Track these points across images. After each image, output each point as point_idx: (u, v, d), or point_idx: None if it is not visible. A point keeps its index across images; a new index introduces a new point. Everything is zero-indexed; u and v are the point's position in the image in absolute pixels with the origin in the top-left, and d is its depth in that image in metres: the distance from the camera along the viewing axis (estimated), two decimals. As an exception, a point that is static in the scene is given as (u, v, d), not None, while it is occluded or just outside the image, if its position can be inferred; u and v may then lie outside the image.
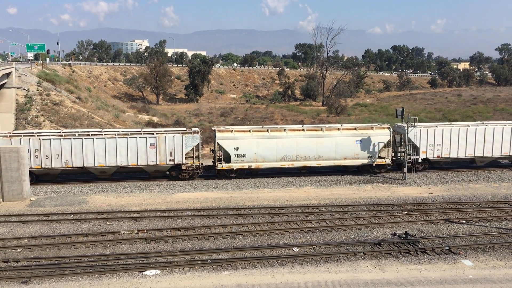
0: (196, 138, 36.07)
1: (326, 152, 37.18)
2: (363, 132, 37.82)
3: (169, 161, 35.70)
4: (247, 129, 37.66)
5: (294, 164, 37.20)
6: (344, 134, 37.54)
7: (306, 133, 37.35)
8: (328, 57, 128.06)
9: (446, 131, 38.59)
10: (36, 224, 26.28)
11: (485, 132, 39.04)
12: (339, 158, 37.63)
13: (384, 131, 38.26)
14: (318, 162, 37.33)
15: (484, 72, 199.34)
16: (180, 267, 20.64)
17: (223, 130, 37.34)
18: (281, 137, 36.87)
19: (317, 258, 21.64)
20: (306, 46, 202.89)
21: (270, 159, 36.75)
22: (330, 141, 37.16)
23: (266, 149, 36.48)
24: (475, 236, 24.49)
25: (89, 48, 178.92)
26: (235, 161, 36.41)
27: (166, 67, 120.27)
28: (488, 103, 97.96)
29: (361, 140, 37.51)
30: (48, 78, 67.51)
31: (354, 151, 37.57)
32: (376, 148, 37.90)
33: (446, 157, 39.02)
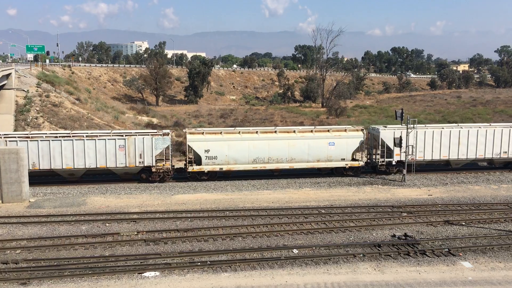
0: (166, 140, 35.71)
1: (298, 155, 36.92)
2: (336, 135, 37.58)
3: (139, 163, 35.35)
4: (219, 131, 37.41)
5: (266, 167, 36.94)
6: (317, 136, 37.27)
7: (279, 135, 37.05)
8: (327, 58, 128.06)
9: (420, 134, 38.11)
10: (35, 226, 26.25)
11: (459, 135, 38.62)
12: (312, 161, 37.33)
13: (357, 134, 38.03)
14: (291, 164, 37.10)
15: (484, 74, 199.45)
16: (179, 268, 20.62)
17: (194, 132, 37.01)
18: (253, 139, 36.54)
19: (316, 259, 21.63)
20: (305, 48, 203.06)
21: (242, 162, 36.50)
22: (302, 143, 36.88)
23: (238, 151, 36.22)
24: (474, 238, 24.48)
25: (88, 49, 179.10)
26: (206, 164, 36.15)
27: (166, 68, 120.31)
28: (488, 105, 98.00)
29: (334, 143, 37.25)
30: (48, 80, 67.53)
31: (327, 154, 37.29)
32: (349, 150, 37.63)
33: (421, 159, 38.54)
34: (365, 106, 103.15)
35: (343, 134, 37.75)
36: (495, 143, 39.12)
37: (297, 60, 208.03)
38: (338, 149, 37.32)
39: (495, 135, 39.04)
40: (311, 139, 37.10)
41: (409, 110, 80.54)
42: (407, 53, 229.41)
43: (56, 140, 34.59)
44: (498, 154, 39.32)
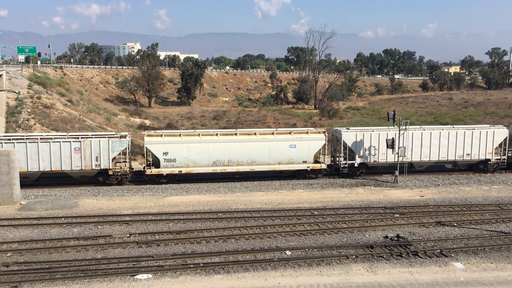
0: (124, 142, 35.33)
1: (259, 157, 36.64)
2: (297, 137, 37.28)
3: (95, 166, 34.94)
4: (178, 133, 37.04)
5: (227, 169, 36.69)
6: (278, 139, 36.96)
7: (239, 137, 36.75)
8: (320, 60, 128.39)
9: (382, 136, 37.86)
10: (27, 228, 26.04)
11: (422, 137, 38.50)
12: (273, 163, 37.06)
13: (319, 136, 37.73)
14: (252, 167, 36.82)
15: (475, 76, 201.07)
16: (172, 271, 20.54)
17: (152, 135, 36.60)
18: (212, 141, 36.31)
19: (309, 261, 21.65)
20: (298, 50, 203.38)
21: (201, 164, 36.16)
22: (263, 146, 36.62)
23: (197, 154, 35.90)
24: (466, 239, 24.62)
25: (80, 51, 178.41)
26: (165, 166, 35.81)
27: (159, 70, 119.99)
28: (479, 107, 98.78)
29: (296, 145, 36.99)
30: (39, 81, 67.12)
31: (288, 156, 37.05)
32: (311, 152, 37.40)
33: (383, 161, 38.45)
34: (358, 107, 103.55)
35: (305, 136, 37.38)
36: (458, 146, 38.95)
37: (290, 61, 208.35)
38: (300, 151, 37.05)
39: (457, 137, 38.88)
40: (272, 142, 36.76)
41: (401, 112, 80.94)
42: (399, 55, 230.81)
43: (9, 142, 33.85)
44: (461, 156, 39.16)
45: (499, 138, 39.80)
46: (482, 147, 39.34)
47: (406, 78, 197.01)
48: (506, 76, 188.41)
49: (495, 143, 39.72)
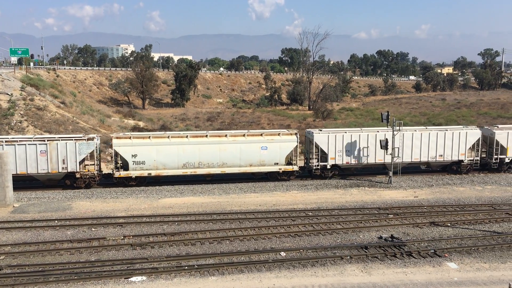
0: (91, 145, 34.82)
1: (230, 159, 36.32)
2: (269, 138, 36.96)
3: (62, 169, 34.34)
4: (147, 136, 36.65)
5: (197, 172, 36.26)
6: (249, 141, 36.66)
7: (209, 139, 36.42)
8: (314, 61, 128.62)
9: (354, 137, 37.83)
10: (20, 231, 25.88)
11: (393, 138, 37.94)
12: (244, 165, 36.69)
13: (291, 137, 37.42)
14: (223, 169, 36.45)
15: (468, 76, 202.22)
16: (166, 273, 20.48)
17: (121, 137, 36.17)
18: (182, 143, 35.90)
19: (304, 262, 21.67)
20: (292, 51, 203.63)
21: (171, 166, 35.73)
22: (234, 148, 36.30)
23: (167, 156, 35.46)
24: (460, 239, 24.74)
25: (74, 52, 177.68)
26: (134, 169, 35.33)
27: (152, 71, 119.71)
28: (472, 107, 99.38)
29: (267, 147, 36.72)
30: (32, 83, 66.73)
31: (259, 158, 36.72)
32: (283, 154, 37.14)
33: (355, 163, 38.34)
34: (352, 108, 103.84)
35: (276, 138, 37.08)
36: (430, 147, 38.79)
37: (284, 63, 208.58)
38: (271, 153, 36.77)
39: (430, 138, 38.76)
40: (243, 143, 36.47)
41: (395, 113, 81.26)
42: (392, 56, 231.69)
43: None
44: (434, 157, 39.03)
45: (472, 139, 39.65)
46: (455, 148, 39.20)
47: (399, 79, 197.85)
48: (498, 77, 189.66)
49: (468, 144, 39.56)
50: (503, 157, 40.53)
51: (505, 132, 40.35)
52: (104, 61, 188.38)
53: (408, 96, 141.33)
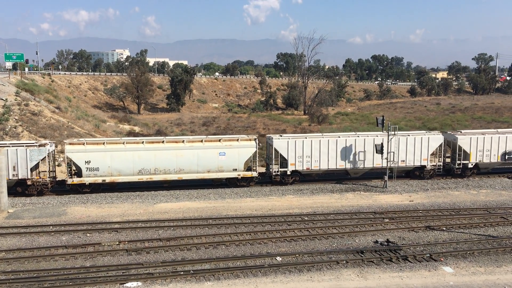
0: (43, 151, 34.11)
1: (187, 165, 35.76)
2: (227, 144, 36.49)
3: (13, 176, 33.47)
4: (101, 142, 36.05)
5: (153, 178, 35.64)
6: (207, 146, 36.19)
7: (166, 145, 35.84)
8: (309, 66, 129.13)
9: (315, 142, 37.40)
10: (14, 237, 25.71)
11: (355, 143, 37.95)
12: (202, 171, 36.14)
13: (250, 143, 36.89)
14: (180, 175, 35.89)
15: (462, 81, 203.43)
16: (162, 278, 20.40)
17: (74, 143, 35.47)
18: (138, 149, 35.32)
19: (300, 267, 21.64)
20: (287, 56, 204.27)
21: (126, 173, 35.15)
22: (191, 154, 35.76)
23: (121, 162, 34.89)
24: (455, 243, 24.80)
25: (69, 57, 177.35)
26: (87, 175, 34.73)
27: (148, 76, 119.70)
28: (466, 112, 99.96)
29: (225, 153, 36.25)
30: (27, 88, 66.56)
31: (217, 164, 36.22)
32: (241, 160, 36.61)
33: (316, 169, 37.85)
34: (347, 113, 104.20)
35: (235, 143, 36.61)
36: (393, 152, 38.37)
37: (279, 67, 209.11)
38: (230, 159, 36.31)
39: (392, 143, 38.04)
40: (201, 149, 35.97)
41: (390, 117, 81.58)
42: (387, 61, 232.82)
43: None
44: (396, 163, 38.61)
45: (434, 144, 39.27)
46: (417, 153, 38.73)
47: (394, 84, 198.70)
48: (492, 81, 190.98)
49: (430, 149, 39.12)
50: (466, 163, 40.08)
51: (468, 138, 39.89)
52: (99, 66, 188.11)
53: (403, 101, 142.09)
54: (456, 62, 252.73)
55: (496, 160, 40.55)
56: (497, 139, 40.25)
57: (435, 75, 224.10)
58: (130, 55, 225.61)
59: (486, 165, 40.88)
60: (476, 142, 39.98)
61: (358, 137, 38.63)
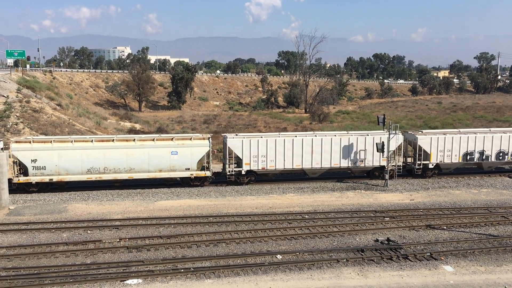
0: None
1: (138, 164, 35.14)
2: (179, 143, 35.90)
3: None
4: (49, 140, 35.13)
5: (103, 177, 34.97)
6: (159, 145, 35.59)
7: (116, 143, 35.21)
8: (310, 64, 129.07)
9: (270, 142, 36.76)
10: (15, 233, 25.75)
11: (312, 143, 37.30)
12: (154, 171, 35.57)
13: (203, 142, 36.33)
14: (130, 174, 35.23)
15: (464, 80, 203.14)
16: (162, 275, 20.44)
17: (21, 141, 34.68)
18: (86, 148, 34.64)
19: (300, 265, 21.65)
20: (289, 54, 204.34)
21: (74, 172, 34.40)
22: (142, 153, 35.17)
23: (69, 161, 34.09)
24: (455, 242, 24.80)
25: (70, 54, 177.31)
26: (34, 174, 33.96)
27: (149, 74, 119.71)
28: (468, 111, 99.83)
29: (177, 152, 35.62)
30: (28, 85, 66.62)
31: (169, 163, 35.59)
32: (194, 159, 35.99)
33: (272, 169, 37.20)
34: (348, 111, 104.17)
35: (187, 142, 36.04)
36: (351, 152, 37.91)
37: (281, 66, 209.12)
38: (182, 158, 35.65)
39: (350, 143, 37.82)
40: (152, 148, 35.36)
41: (391, 116, 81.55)
42: (388, 59, 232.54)
43: None
44: (355, 163, 38.15)
45: (394, 144, 38.38)
46: (376, 153, 37.98)
47: (395, 82, 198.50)
48: (494, 81, 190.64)
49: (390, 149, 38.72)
50: (426, 163, 39.30)
51: (428, 138, 39.09)
52: (101, 64, 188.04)
53: (404, 99, 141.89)
54: (457, 61, 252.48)
55: (458, 161, 39.87)
56: (458, 139, 39.52)
57: (437, 74, 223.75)
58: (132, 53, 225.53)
59: (447, 165, 40.04)
60: (437, 142, 39.18)
61: (315, 136, 38.07)
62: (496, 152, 40.36)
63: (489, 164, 41.04)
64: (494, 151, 40.31)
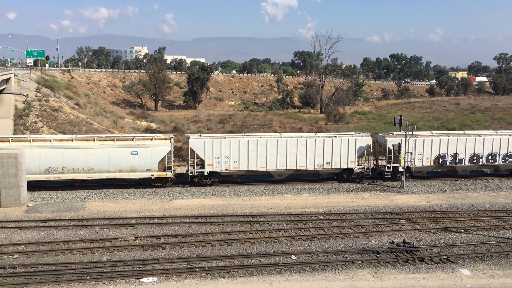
0: None
1: (97, 164, 34.87)
2: (140, 143, 35.63)
3: None
4: (7, 139, 35.11)
5: (61, 177, 34.72)
6: (118, 145, 35.32)
7: (75, 143, 34.96)
8: (326, 65, 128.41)
9: (233, 143, 36.27)
10: (33, 230, 26.17)
11: (277, 144, 36.70)
12: (113, 171, 35.31)
13: (164, 142, 36.01)
14: (89, 174, 35.01)
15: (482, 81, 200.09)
16: (177, 274, 20.56)
17: None
18: (45, 147, 34.35)
19: (315, 266, 21.58)
20: (305, 54, 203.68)
21: (32, 171, 33.81)
22: (101, 153, 34.93)
23: (28, 161, 33.03)
24: (473, 245, 24.46)
25: (88, 54, 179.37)
26: None
27: (165, 74, 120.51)
28: (486, 112, 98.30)
29: (138, 152, 35.33)
30: (47, 84, 67.62)
31: (130, 163, 35.28)
32: (155, 160, 35.66)
33: (236, 170, 36.66)
34: (364, 112, 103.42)
35: (148, 143, 35.73)
36: (317, 154, 37.11)
37: (296, 66, 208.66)
38: (142, 158, 35.37)
39: (316, 145, 37.08)
40: (112, 148, 35.11)
41: (408, 117, 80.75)
42: (405, 60, 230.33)
43: None
44: (321, 165, 37.31)
45: (362, 146, 37.86)
46: (344, 155, 37.45)
47: (412, 83, 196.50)
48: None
49: (358, 151, 37.76)
50: (396, 166, 38.36)
51: (398, 140, 37.89)
52: (118, 63, 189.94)
53: (421, 100, 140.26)
54: (476, 61, 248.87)
55: (429, 164, 38.89)
56: (429, 142, 38.58)
57: (455, 75, 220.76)
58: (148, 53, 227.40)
59: (419, 168, 39.02)
60: (408, 144, 38.36)
61: (280, 137, 37.53)
62: (470, 156, 39.15)
63: (463, 168, 39.80)
64: (468, 155, 39.10)
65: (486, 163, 39.80)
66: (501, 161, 39.70)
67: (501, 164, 39.92)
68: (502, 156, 39.57)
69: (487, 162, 39.64)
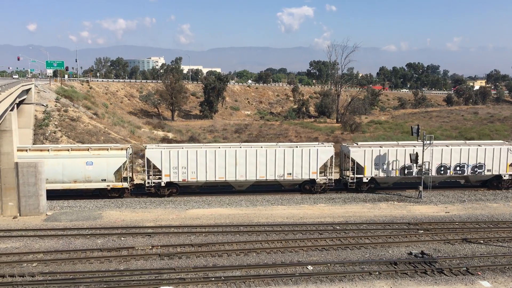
0: None
1: (51, 175, 34.35)
2: (95, 153, 35.44)
3: None
4: None
5: None
6: (73, 155, 35.14)
7: (28, 153, 34.73)
8: (342, 74, 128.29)
9: (191, 153, 35.83)
10: (52, 239, 26.50)
11: (236, 154, 36.19)
12: (68, 181, 35.05)
13: (120, 152, 35.81)
14: None
15: (501, 90, 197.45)
16: (193, 283, 20.58)
17: None
18: None
19: (331, 276, 21.41)
20: (320, 63, 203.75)
21: None
22: (56, 163, 34.61)
23: None
24: (493, 257, 24.02)
25: (106, 65, 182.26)
26: None
27: (182, 83, 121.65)
28: (505, 121, 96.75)
29: (93, 162, 35.01)
30: (66, 95, 68.75)
31: (84, 174, 34.98)
32: (110, 170, 35.32)
33: (194, 181, 36.19)
34: (380, 121, 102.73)
35: (104, 153, 35.52)
36: (277, 164, 36.42)
37: (312, 75, 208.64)
38: (97, 169, 35.09)
39: (277, 155, 36.40)
40: (66, 158, 34.89)
41: (425, 126, 79.95)
42: (422, 69, 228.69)
43: None
44: (281, 176, 36.56)
45: (324, 156, 37.06)
46: (305, 166, 36.67)
47: (430, 92, 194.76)
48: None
49: (319, 162, 36.94)
50: (360, 177, 37.75)
51: (362, 150, 37.43)
52: (135, 74, 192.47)
53: (438, 110, 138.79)
54: (495, 70, 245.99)
55: (395, 175, 37.92)
56: (394, 152, 37.62)
57: (473, 84, 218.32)
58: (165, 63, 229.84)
59: (384, 179, 38.22)
60: (371, 155, 37.38)
61: (240, 147, 37.03)
62: (437, 167, 38.15)
63: (430, 179, 38.33)
64: (435, 166, 38.14)
65: (454, 174, 38.82)
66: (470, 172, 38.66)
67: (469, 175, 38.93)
68: (470, 167, 38.48)
69: (455, 173, 38.68)
